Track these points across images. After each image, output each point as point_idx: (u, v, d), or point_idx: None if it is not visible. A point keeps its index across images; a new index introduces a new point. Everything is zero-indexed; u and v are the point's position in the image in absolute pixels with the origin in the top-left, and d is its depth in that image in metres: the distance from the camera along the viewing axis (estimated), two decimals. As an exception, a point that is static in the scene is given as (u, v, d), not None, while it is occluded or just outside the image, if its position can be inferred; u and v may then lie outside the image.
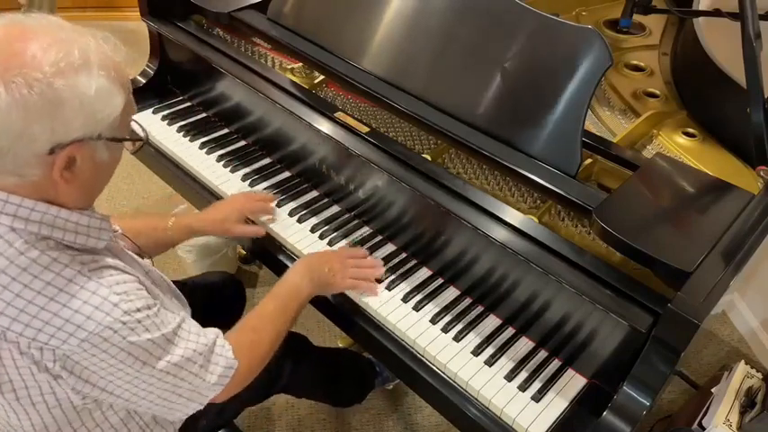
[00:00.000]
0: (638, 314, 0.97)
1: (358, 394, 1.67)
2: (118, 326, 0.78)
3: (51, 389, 0.81)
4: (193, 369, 0.88)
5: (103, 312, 0.77)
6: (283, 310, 1.10)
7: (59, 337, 0.76)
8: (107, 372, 0.80)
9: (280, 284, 1.14)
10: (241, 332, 1.02)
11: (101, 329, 0.76)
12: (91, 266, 0.79)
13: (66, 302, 0.75)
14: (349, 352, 1.75)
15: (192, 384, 0.89)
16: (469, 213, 1.13)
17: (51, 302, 0.75)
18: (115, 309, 0.77)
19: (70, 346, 0.76)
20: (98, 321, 0.76)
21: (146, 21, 1.65)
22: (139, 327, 0.80)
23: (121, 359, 0.80)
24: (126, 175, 2.65)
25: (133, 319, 0.79)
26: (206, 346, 0.91)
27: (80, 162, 0.78)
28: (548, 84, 1.13)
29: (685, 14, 1.60)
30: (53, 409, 0.84)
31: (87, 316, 0.76)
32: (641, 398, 0.94)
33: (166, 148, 1.57)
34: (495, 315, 1.19)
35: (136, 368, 0.81)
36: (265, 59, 1.59)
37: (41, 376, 0.79)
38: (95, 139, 0.77)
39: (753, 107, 1.14)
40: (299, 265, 1.18)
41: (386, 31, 1.32)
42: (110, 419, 0.92)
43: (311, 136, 1.37)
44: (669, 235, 1.03)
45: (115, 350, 0.78)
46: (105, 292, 0.78)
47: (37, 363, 0.77)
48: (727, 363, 1.98)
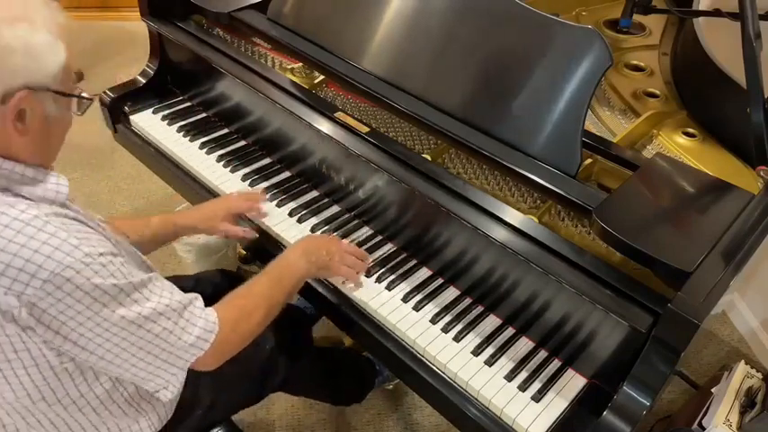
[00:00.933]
0: (638, 314, 0.97)
1: (358, 393, 1.68)
2: (79, 266, 0.78)
3: (24, 344, 0.80)
4: (167, 325, 0.88)
5: (63, 253, 0.77)
6: (278, 285, 1.10)
7: (21, 279, 0.76)
8: (76, 321, 0.80)
9: (276, 261, 1.15)
10: (229, 301, 1.02)
11: (62, 269, 0.77)
12: (48, 212, 0.80)
13: (25, 243, 0.76)
14: (349, 350, 1.75)
15: (166, 342, 0.88)
16: (469, 213, 1.13)
17: (10, 244, 0.76)
18: (75, 250, 0.78)
19: (33, 289, 0.76)
20: (58, 261, 0.77)
21: (146, 21, 1.65)
22: (103, 270, 0.80)
23: (86, 303, 0.79)
24: (126, 175, 2.65)
25: (96, 261, 0.79)
26: (180, 303, 0.91)
27: (30, 114, 0.81)
28: (548, 84, 1.13)
29: (685, 14, 1.60)
30: (30, 369, 0.83)
31: (47, 256, 0.76)
32: (641, 398, 0.94)
33: (166, 148, 1.57)
34: (495, 315, 1.19)
35: (103, 315, 0.81)
36: (265, 59, 1.59)
37: (10, 328, 0.79)
38: (43, 90, 0.81)
39: (753, 107, 1.14)
40: (297, 245, 1.20)
41: (386, 31, 1.32)
42: (95, 390, 0.91)
43: (311, 136, 1.37)
44: (669, 235, 1.03)
45: (79, 293, 0.78)
46: (64, 235, 0.78)
47: (2, 311, 0.77)
48: (727, 363, 1.98)
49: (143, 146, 1.62)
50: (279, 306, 1.10)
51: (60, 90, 0.84)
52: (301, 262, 1.15)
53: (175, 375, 0.93)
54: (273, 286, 1.10)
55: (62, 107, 0.86)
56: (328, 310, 1.27)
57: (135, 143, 1.64)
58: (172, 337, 0.89)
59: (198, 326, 0.92)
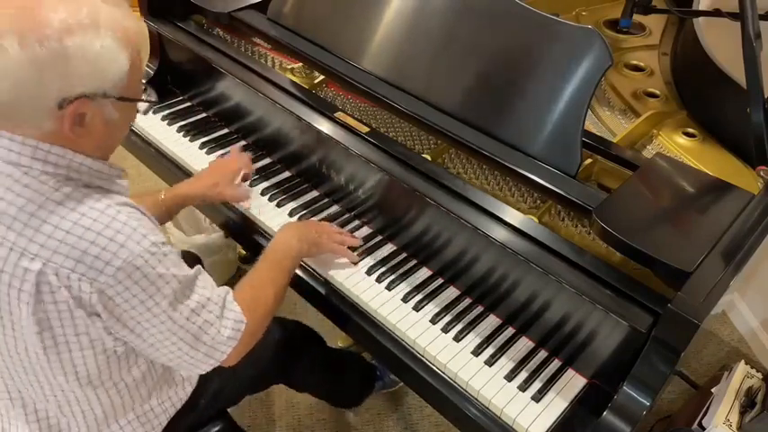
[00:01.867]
0: (638, 314, 0.97)
1: (357, 396, 1.68)
2: (147, 255, 0.82)
3: (86, 328, 0.84)
4: (210, 318, 0.92)
5: (134, 242, 0.81)
6: (279, 267, 1.14)
7: (96, 266, 0.79)
8: (137, 310, 0.84)
9: (270, 246, 1.18)
10: (241, 292, 1.05)
11: (133, 257, 0.81)
12: (118, 201, 0.85)
13: (101, 231, 0.80)
14: (352, 354, 1.75)
15: (207, 334, 0.93)
16: (469, 213, 1.13)
17: (88, 232, 0.79)
18: (144, 239, 0.82)
19: (106, 276, 0.80)
20: (131, 249, 0.81)
21: (146, 21, 1.65)
22: (166, 260, 0.85)
23: (150, 292, 0.84)
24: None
25: (160, 251, 0.84)
26: (220, 297, 0.96)
27: (90, 118, 0.82)
28: (548, 84, 1.13)
29: (685, 14, 1.60)
30: (86, 352, 0.87)
31: (121, 244, 0.80)
32: (641, 398, 0.94)
33: (166, 148, 1.57)
34: (495, 315, 1.19)
35: (163, 305, 0.86)
36: (265, 59, 1.59)
37: (78, 312, 0.82)
38: (101, 96, 0.81)
39: (753, 107, 1.14)
40: (286, 227, 1.24)
41: (386, 31, 1.32)
42: (133, 373, 0.97)
43: (311, 136, 1.37)
44: (669, 235, 1.03)
45: (145, 282, 0.83)
46: (135, 224, 0.83)
47: (75, 297, 0.81)
48: (727, 363, 1.98)
49: (143, 146, 1.62)
50: (285, 288, 1.14)
51: (122, 96, 0.84)
52: (293, 241, 1.19)
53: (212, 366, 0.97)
54: (276, 270, 1.13)
55: (124, 110, 0.87)
56: (328, 310, 1.27)
57: (135, 143, 1.64)
58: (213, 330, 0.93)
59: (231, 319, 0.97)
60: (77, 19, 0.77)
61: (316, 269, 1.27)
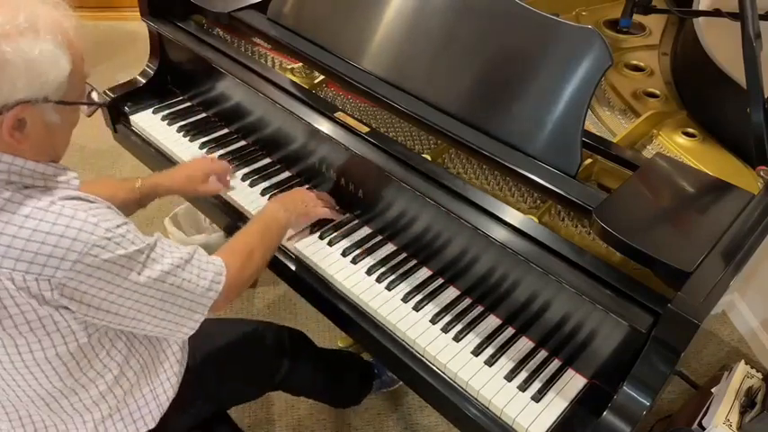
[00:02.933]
0: (638, 314, 0.97)
1: (355, 396, 1.68)
2: (104, 242, 0.81)
3: (55, 324, 0.84)
4: (184, 275, 0.93)
5: (87, 232, 0.80)
6: (266, 230, 1.18)
7: (51, 264, 0.78)
8: (106, 291, 0.84)
9: (258, 214, 1.23)
10: (229, 247, 1.09)
11: (89, 248, 0.80)
12: (62, 196, 0.82)
13: (50, 230, 0.78)
14: (348, 353, 1.75)
15: (187, 291, 0.94)
16: (469, 213, 1.13)
17: (35, 233, 0.78)
18: (97, 227, 0.81)
19: (64, 271, 0.79)
20: (84, 241, 0.79)
21: (146, 21, 1.65)
22: (125, 240, 0.84)
23: (116, 272, 0.83)
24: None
25: (116, 234, 0.83)
26: (188, 254, 0.95)
27: (30, 124, 0.81)
28: (548, 84, 1.13)
29: (685, 14, 1.60)
30: (59, 348, 0.86)
31: (73, 238, 0.79)
32: (641, 398, 0.94)
33: (166, 148, 1.57)
34: (495, 315, 1.19)
35: (132, 279, 0.85)
36: (265, 59, 1.59)
37: (43, 310, 0.81)
38: (42, 101, 0.80)
39: (753, 107, 1.14)
40: (273, 201, 1.28)
41: (386, 31, 1.32)
42: (114, 358, 0.96)
43: (311, 136, 1.37)
44: (669, 235, 1.03)
45: (107, 265, 0.82)
46: (83, 215, 0.81)
47: (35, 296, 0.80)
48: (727, 363, 1.98)
49: (143, 146, 1.62)
50: (271, 251, 1.19)
51: (63, 100, 0.83)
52: (281, 212, 1.23)
53: (198, 321, 0.99)
54: (264, 232, 1.17)
55: (67, 113, 0.86)
56: (328, 310, 1.27)
57: (135, 143, 1.64)
58: (191, 285, 0.94)
59: (210, 270, 0.98)
60: (14, 24, 0.75)
61: (316, 269, 1.27)
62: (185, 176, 1.35)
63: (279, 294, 2.16)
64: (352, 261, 1.27)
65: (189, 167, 1.38)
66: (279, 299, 2.15)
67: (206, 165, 1.39)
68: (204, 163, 1.40)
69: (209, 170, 1.37)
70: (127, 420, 1.03)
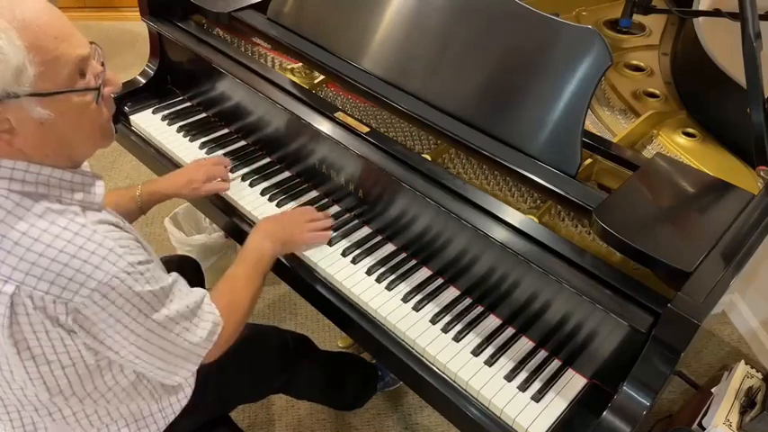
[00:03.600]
0: (638, 314, 0.97)
1: (359, 398, 1.67)
2: (123, 276, 0.81)
3: (65, 346, 0.83)
4: (186, 324, 0.92)
5: (110, 262, 0.79)
6: (254, 270, 1.15)
7: (71, 288, 0.78)
8: (113, 329, 0.83)
9: (244, 249, 1.19)
10: (219, 295, 1.06)
11: (109, 279, 0.79)
12: (94, 220, 0.82)
13: (75, 253, 0.78)
14: (352, 356, 1.75)
15: (185, 340, 0.93)
16: (469, 213, 1.13)
17: (61, 254, 0.77)
18: (120, 259, 0.81)
19: (81, 297, 0.78)
20: (106, 271, 0.79)
21: (146, 21, 1.65)
22: (142, 278, 0.84)
23: (127, 310, 0.83)
24: (126, 175, 2.65)
25: (137, 270, 0.83)
26: (196, 303, 0.95)
27: (16, 123, 0.77)
28: (548, 84, 1.13)
29: (685, 14, 1.60)
30: (67, 369, 0.86)
31: (96, 266, 0.78)
32: (641, 398, 0.94)
33: (166, 149, 1.57)
34: (495, 315, 1.19)
35: (139, 320, 0.85)
36: (265, 59, 1.59)
37: (55, 332, 0.81)
38: (13, 97, 0.74)
39: (753, 107, 1.14)
40: (256, 231, 1.23)
41: (386, 31, 1.32)
42: (120, 383, 0.95)
43: (311, 136, 1.37)
44: (669, 235, 1.03)
45: (122, 301, 0.82)
46: (111, 244, 0.80)
47: (50, 317, 0.79)
48: (727, 363, 1.98)
49: (143, 146, 1.62)
50: (260, 290, 1.16)
51: (41, 92, 0.76)
52: (266, 244, 1.20)
53: (191, 371, 0.98)
54: (251, 273, 1.15)
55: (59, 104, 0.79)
56: (328, 310, 1.27)
57: (135, 143, 1.64)
58: (190, 335, 0.93)
59: (209, 321, 0.97)
60: None
61: (316, 269, 1.27)
62: (186, 180, 1.34)
63: (279, 294, 2.16)
64: (353, 261, 1.27)
65: (189, 171, 1.37)
66: (279, 299, 2.15)
67: (205, 166, 1.38)
68: (203, 165, 1.39)
69: (209, 172, 1.37)
70: (132, 428, 1.03)
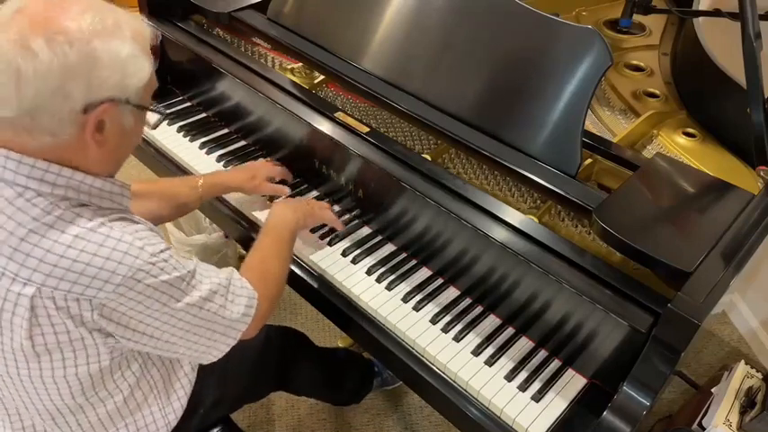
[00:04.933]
0: (638, 314, 0.97)
1: (356, 394, 1.68)
2: (148, 267, 0.82)
3: (84, 347, 0.84)
4: (220, 301, 0.93)
5: (132, 256, 0.80)
6: (280, 239, 1.17)
7: (95, 285, 0.78)
8: (145, 314, 0.84)
9: (268, 221, 1.21)
10: (250, 268, 1.07)
11: (133, 272, 0.80)
12: (111, 218, 0.83)
13: (96, 252, 0.78)
14: (346, 351, 1.75)
15: (222, 317, 0.94)
16: (469, 213, 1.13)
17: (82, 254, 0.78)
18: (142, 252, 0.81)
19: (106, 293, 0.79)
20: (129, 265, 0.80)
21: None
22: (167, 266, 0.85)
23: (156, 298, 0.84)
24: (126, 176, 2.63)
25: (160, 259, 0.83)
26: (226, 280, 0.96)
27: (109, 125, 0.81)
28: (548, 84, 1.13)
29: (685, 14, 1.60)
30: (80, 368, 0.86)
31: (119, 261, 0.79)
32: (641, 398, 0.94)
33: (166, 148, 1.57)
34: (495, 315, 1.19)
35: (171, 305, 0.86)
36: (265, 59, 1.59)
37: (77, 332, 0.82)
38: (124, 102, 0.81)
39: (753, 107, 1.14)
40: (278, 204, 1.28)
41: (386, 32, 1.32)
42: (128, 380, 0.96)
43: (311, 136, 1.37)
44: (669, 235, 1.03)
45: (150, 291, 0.83)
46: (130, 239, 0.81)
47: (73, 317, 0.80)
48: (727, 363, 1.98)
49: (143, 146, 1.62)
50: (289, 259, 1.18)
51: (141, 104, 0.84)
52: (289, 214, 1.22)
53: (229, 345, 0.99)
54: (278, 242, 1.16)
55: (139, 120, 0.87)
56: (328, 310, 1.27)
57: (135, 143, 1.64)
58: (227, 312, 0.94)
59: (244, 296, 0.98)
60: (104, 25, 0.77)
61: (316, 268, 1.27)
62: (250, 175, 1.36)
63: (279, 294, 2.16)
64: (353, 261, 1.27)
65: (252, 167, 1.40)
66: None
67: (267, 165, 1.41)
68: (266, 165, 1.41)
69: (272, 172, 1.39)
70: (131, 429, 1.02)
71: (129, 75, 0.80)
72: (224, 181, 1.35)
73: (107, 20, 0.78)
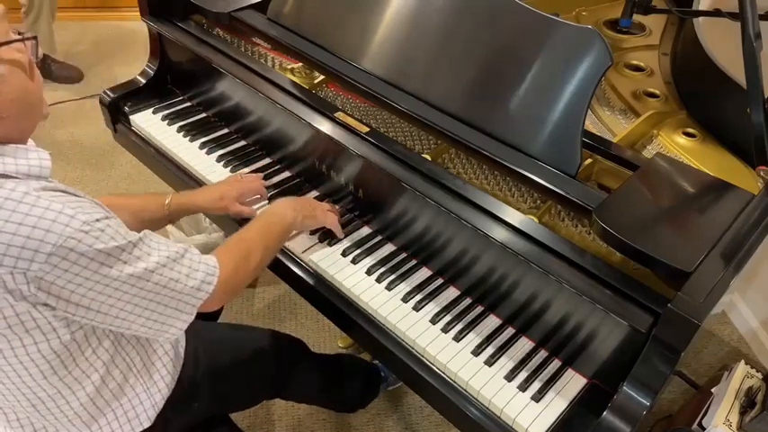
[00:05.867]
0: (638, 314, 0.97)
1: (359, 400, 1.66)
2: (80, 235, 0.78)
3: (34, 321, 0.81)
4: (171, 274, 0.90)
5: (62, 224, 0.77)
6: (267, 230, 1.16)
7: (25, 257, 0.75)
8: (85, 287, 0.81)
9: (264, 211, 1.21)
10: (227, 246, 1.08)
11: (63, 240, 0.76)
12: (36, 187, 0.79)
13: (21, 221, 0.75)
14: (351, 357, 1.75)
15: (173, 291, 0.91)
16: (469, 213, 1.13)
17: (7, 224, 0.75)
18: (73, 220, 0.77)
19: (39, 264, 0.76)
20: (59, 233, 0.76)
21: (146, 21, 1.65)
22: (103, 235, 0.80)
23: (94, 269, 0.80)
24: (126, 175, 2.65)
25: (95, 228, 0.79)
26: (177, 253, 0.93)
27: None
28: (548, 84, 1.13)
29: (685, 14, 1.60)
30: (41, 345, 0.83)
31: (46, 230, 0.76)
32: (641, 398, 0.94)
33: (166, 148, 1.57)
34: (495, 315, 1.19)
35: (113, 276, 0.82)
36: (265, 59, 1.59)
37: (20, 306, 0.78)
38: None
39: (753, 107, 1.14)
40: (283, 199, 1.27)
41: (386, 32, 1.32)
42: (101, 357, 0.94)
43: (311, 136, 1.37)
44: (669, 235, 1.03)
45: (85, 260, 0.79)
46: (59, 207, 0.77)
47: (11, 291, 0.77)
48: (727, 363, 1.98)
49: (143, 146, 1.62)
50: (272, 252, 1.17)
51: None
52: (288, 211, 1.21)
53: (186, 321, 0.96)
54: (265, 232, 1.15)
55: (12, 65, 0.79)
56: (328, 310, 1.27)
57: (135, 143, 1.64)
58: (178, 285, 0.91)
59: (200, 270, 0.96)
60: None
61: (316, 268, 1.27)
62: (218, 195, 1.33)
63: (279, 294, 2.16)
64: (353, 261, 1.27)
65: (223, 188, 1.35)
66: (279, 299, 2.15)
67: (241, 183, 1.37)
68: (239, 183, 1.37)
69: (244, 192, 1.36)
70: (122, 420, 1.02)
71: None
72: (191, 201, 1.32)
73: None
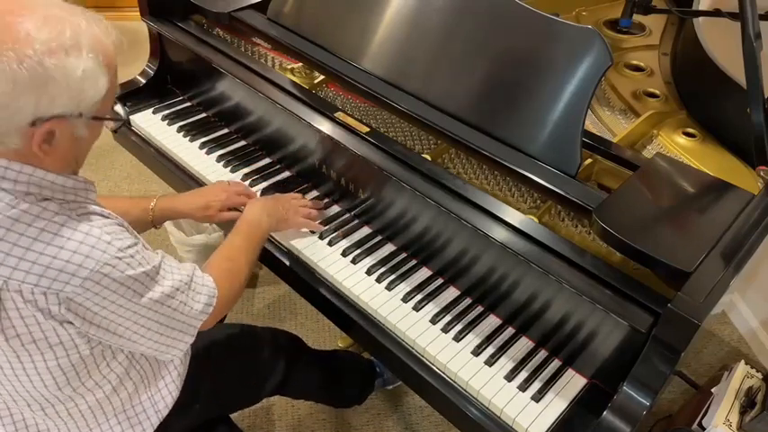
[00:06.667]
0: (638, 314, 0.97)
1: (357, 396, 1.67)
2: (115, 261, 0.82)
3: (58, 337, 0.84)
4: (181, 298, 0.94)
5: (100, 251, 0.81)
6: (249, 241, 1.19)
7: (61, 279, 0.78)
8: (109, 310, 0.84)
9: (240, 221, 1.22)
10: (217, 263, 1.10)
11: (100, 266, 0.80)
12: (78, 212, 0.83)
13: (63, 245, 0.79)
14: (348, 353, 1.75)
15: (182, 314, 0.94)
16: (469, 213, 1.13)
17: (49, 247, 0.78)
18: (110, 246, 0.82)
19: (73, 287, 0.79)
20: (97, 259, 0.80)
21: (146, 21, 1.65)
22: (133, 261, 0.85)
23: (121, 293, 0.84)
24: (126, 175, 2.65)
25: (127, 255, 0.84)
26: (188, 277, 0.96)
27: (59, 136, 0.81)
28: (548, 84, 1.13)
29: (685, 14, 1.60)
30: (61, 360, 0.87)
31: (86, 255, 0.79)
32: (641, 398, 0.94)
33: (166, 148, 1.57)
34: (495, 315, 1.19)
35: (135, 300, 0.86)
36: (265, 59, 1.59)
37: (47, 324, 0.82)
38: (76, 116, 0.80)
39: (753, 107, 1.14)
40: (255, 204, 1.28)
41: (386, 32, 1.32)
42: (114, 370, 0.96)
43: (311, 136, 1.37)
44: (669, 235, 1.03)
45: (115, 285, 0.83)
46: (98, 233, 0.82)
47: (42, 309, 0.80)
48: (727, 363, 1.98)
49: (143, 146, 1.62)
50: (255, 262, 1.20)
51: (96, 116, 0.83)
52: (263, 217, 1.23)
53: (188, 343, 0.99)
54: (247, 246, 1.18)
55: (94, 128, 0.86)
56: (328, 310, 1.27)
57: (135, 143, 1.64)
58: (186, 308, 0.95)
59: (203, 293, 0.98)
60: (60, 41, 0.75)
61: (316, 269, 1.27)
62: (203, 204, 1.31)
63: (279, 294, 2.16)
64: (353, 261, 1.27)
65: (208, 195, 1.33)
66: (279, 299, 2.15)
67: (227, 192, 1.34)
68: (225, 190, 1.34)
69: (229, 200, 1.33)
70: (124, 425, 1.03)
71: (83, 91, 0.78)
72: (176, 207, 1.32)
73: (64, 34, 0.76)
